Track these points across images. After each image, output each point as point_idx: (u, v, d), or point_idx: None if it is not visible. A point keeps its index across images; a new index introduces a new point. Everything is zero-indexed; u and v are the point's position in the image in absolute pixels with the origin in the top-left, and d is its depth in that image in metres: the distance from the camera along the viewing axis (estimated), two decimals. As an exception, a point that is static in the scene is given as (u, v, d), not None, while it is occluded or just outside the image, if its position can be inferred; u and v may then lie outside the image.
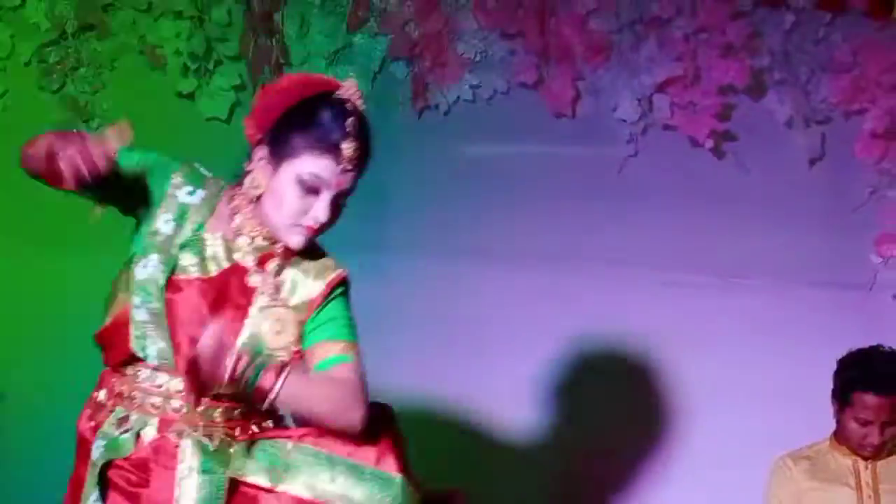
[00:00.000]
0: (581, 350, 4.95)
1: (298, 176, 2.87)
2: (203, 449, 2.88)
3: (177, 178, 2.94)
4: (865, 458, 4.37)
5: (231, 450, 2.89)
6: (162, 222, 2.92)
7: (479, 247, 4.95)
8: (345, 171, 2.87)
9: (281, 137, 2.90)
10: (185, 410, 2.89)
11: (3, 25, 4.87)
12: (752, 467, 4.55)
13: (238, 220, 2.96)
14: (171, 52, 4.87)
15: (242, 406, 2.91)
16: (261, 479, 2.87)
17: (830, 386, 4.39)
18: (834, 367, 4.39)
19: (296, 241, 2.92)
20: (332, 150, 2.86)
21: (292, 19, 4.94)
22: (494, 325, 4.98)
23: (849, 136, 5.05)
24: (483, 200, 4.99)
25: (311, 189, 2.87)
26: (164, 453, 2.88)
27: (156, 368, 2.90)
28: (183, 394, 2.86)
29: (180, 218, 2.92)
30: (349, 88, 2.92)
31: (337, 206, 2.92)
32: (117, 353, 2.94)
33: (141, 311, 2.88)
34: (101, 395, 2.98)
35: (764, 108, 5.07)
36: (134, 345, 2.89)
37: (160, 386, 2.91)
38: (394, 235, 4.94)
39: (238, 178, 2.99)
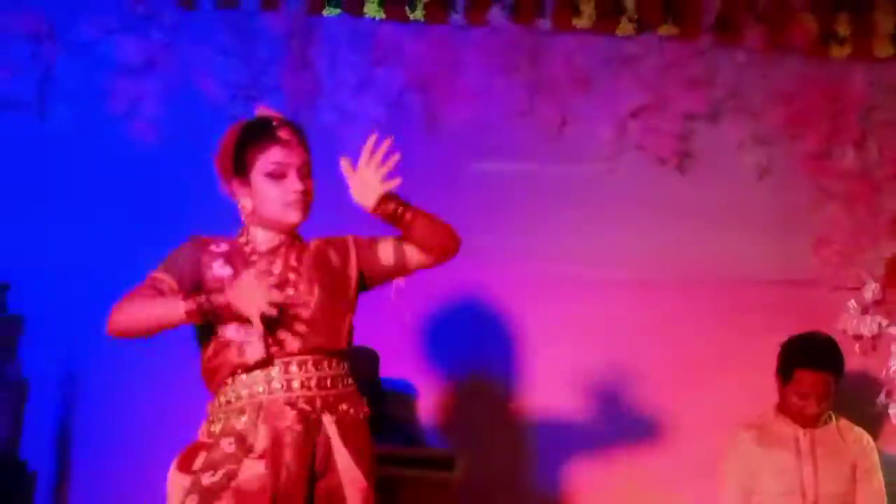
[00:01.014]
0: (564, 336, 5.17)
1: (264, 173, 3.29)
2: (302, 415, 3.25)
3: (205, 248, 3.34)
4: (804, 427, 4.63)
5: (322, 420, 3.27)
6: (217, 268, 3.32)
7: (479, 246, 4.92)
8: (292, 148, 3.30)
9: (238, 164, 3.33)
10: (284, 387, 3.25)
11: (75, 58, 5.08)
12: (709, 435, 4.86)
13: (246, 236, 3.39)
14: (221, 83, 5.11)
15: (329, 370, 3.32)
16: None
17: (775, 365, 4.65)
18: (778, 350, 4.66)
19: (294, 215, 3.32)
20: (273, 140, 3.30)
21: (323, 55, 5.19)
22: (491, 313, 5.21)
23: (791, 156, 5.42)
24: (484, 208, 5.18)
25: (279, 175, 3.32)
26: (272, 416, 3.23)
27: (252, 368, 3.27)
28: (281, 375, 3.26)
29: (237, 263, 3.32)
30: (262, 111, 3.48)
31: (306, 176, 3.32)
32: (225, 370, 3.30)
33: (239, 332, 3.26)
34: (215, 418, 3.32)
35: (720, 131, 5.41)
36: (236, 359, 3.27)
37: (264, 375, 3.28)
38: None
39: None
